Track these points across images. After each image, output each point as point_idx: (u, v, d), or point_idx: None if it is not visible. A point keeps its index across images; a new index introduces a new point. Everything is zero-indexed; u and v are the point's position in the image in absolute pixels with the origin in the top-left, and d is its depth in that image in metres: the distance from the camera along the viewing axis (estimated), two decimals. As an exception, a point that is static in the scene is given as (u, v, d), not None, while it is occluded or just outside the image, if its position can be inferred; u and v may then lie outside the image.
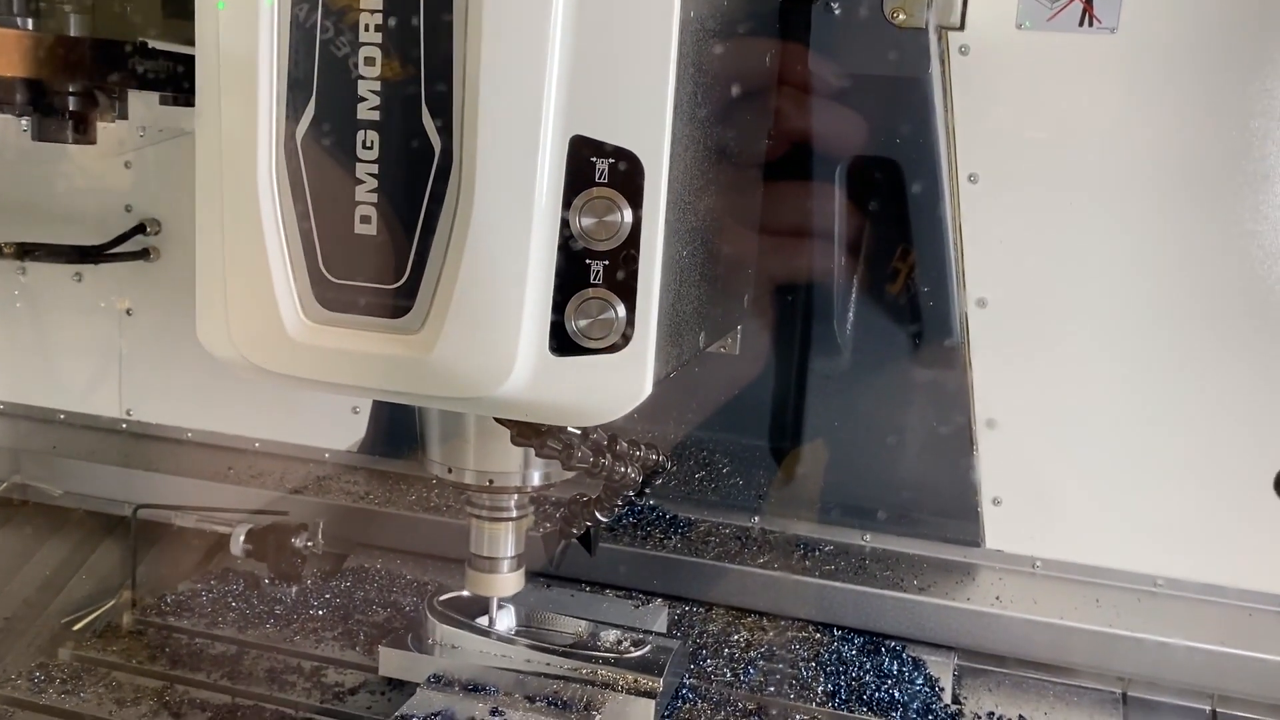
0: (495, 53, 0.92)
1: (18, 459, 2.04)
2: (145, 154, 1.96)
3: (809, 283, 1.69)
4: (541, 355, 0.97)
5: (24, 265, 2.01)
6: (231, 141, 0.98)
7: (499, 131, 0.93)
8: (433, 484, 1.92)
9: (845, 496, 1.76)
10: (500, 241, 0.94)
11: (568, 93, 0.93)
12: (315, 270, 1.00)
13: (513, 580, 1.34)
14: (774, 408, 1.82)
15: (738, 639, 1.62)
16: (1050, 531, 1.68)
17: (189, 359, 2.00)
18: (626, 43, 0.92)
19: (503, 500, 1.29)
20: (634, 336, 0.96)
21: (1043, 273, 1.61)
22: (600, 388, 0.98)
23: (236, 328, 1.02)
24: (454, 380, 0.98)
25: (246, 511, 1.75)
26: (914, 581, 1.66)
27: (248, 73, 0.96)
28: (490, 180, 0.94)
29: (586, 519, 1.30)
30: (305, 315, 1.01)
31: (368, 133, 0.97)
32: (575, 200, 0.94)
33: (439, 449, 1.26)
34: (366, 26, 0.95)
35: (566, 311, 0.97)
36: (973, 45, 1.56)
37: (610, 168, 0.94)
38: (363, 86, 0.96)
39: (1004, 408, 1.67)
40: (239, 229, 0.99)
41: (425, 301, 0.98)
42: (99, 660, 1.55)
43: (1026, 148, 1.58)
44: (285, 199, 0.99)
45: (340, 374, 1.00)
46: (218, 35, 0.97)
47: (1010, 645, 1.59)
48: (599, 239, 0.95)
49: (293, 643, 1.59)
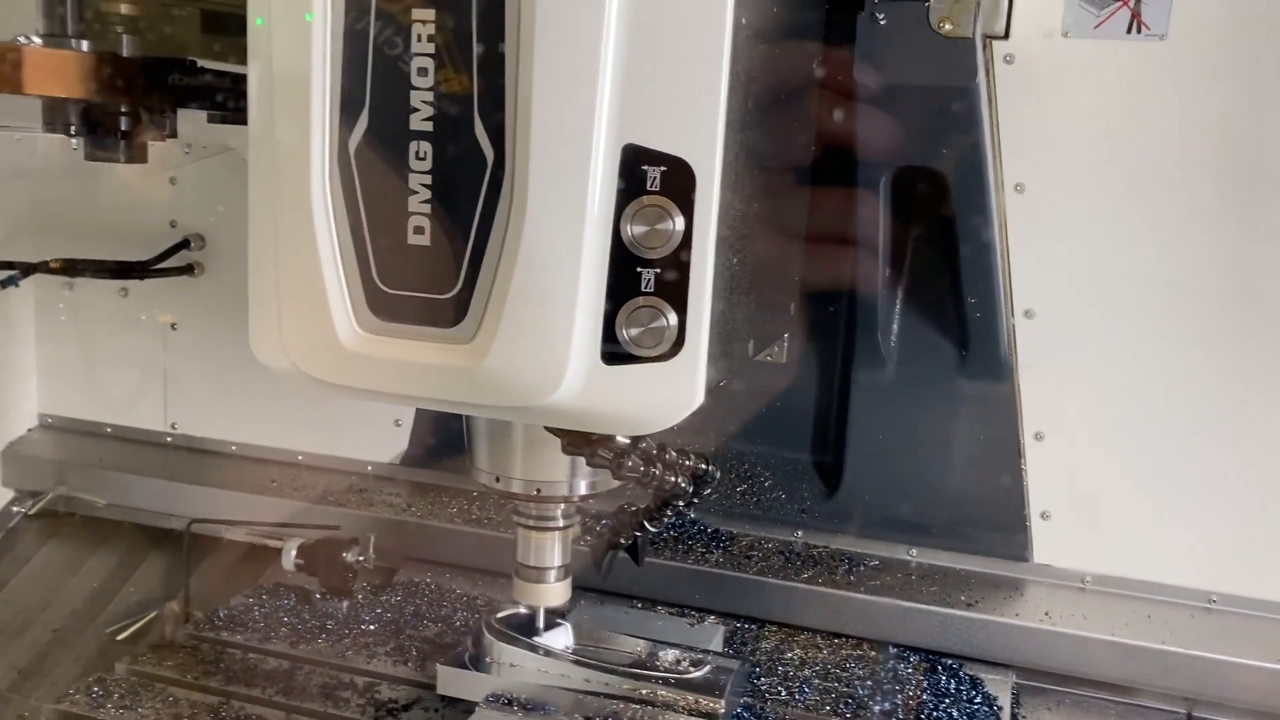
0: (548, 62, 0.92)
1: (64, 471, 2.06)
2: (189, 170, 1.98)
3: (853, 293, 1.67)
4: (593, 364, 0.97)
5: (71, 281, 2.04)
6: (285, 154, 0.99)
7: (552, 141, 0.93)
8: (474, 496, 1.92)
9: (890, 510, 1.74)
10: (552, 250, 0.94)
11: (620, 101, 0.93)
12: (369, 280, 1.01)
13: (559, 590, 1.34)
14: (817, 420, 1.81)
15: (791, 657, 1.60)
16: (1100, 546, 1.65)
17: (233, 373, 2.02)
18: (679, 51, 0.92)
19: (550, 509, 1.29)
20: (685, 345, 0.96)
21: (1090, 283, 1.59)
22: (651, 397, 0.98)
23: (290, 338, 1.03)
24: (506, 389, 0.98)
25: (298, 526, 1.76)
26: (961, 597, 1.63)
27: (301, 85, 0.97)
28: (543, 189, 0.94)
29: (635, 529, 1.29)
30: (359, 325, 1.01)
31: (421, 143, 0.97)
32: (627, 209, 0.94)
33: (486, 458, 1.26)
34: (419, 37, 0.95)
35: (618, 320, 0.96)
36: (1018, 54, 1.55)
37: (662, 176, 0.93)
38: (416, 97, 0.96)
39: (1052, 420, 1.64)
40: (293, 240, 1.00)
41: (478, 311, 0.98)
42: (155, 675, 1.55)
43: (1073, 157, 1.56)
44: (339, 210, 1.00)
45: (393, 383, 1.01)
46: (271, 50, 0.98)
47: (1062, 662, 1.57)
48: (650, 247, 0.95)
49: (345, 658, 1.59)
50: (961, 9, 1.44)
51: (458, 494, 1.93)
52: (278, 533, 1.81)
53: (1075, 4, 1.54)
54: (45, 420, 2.15)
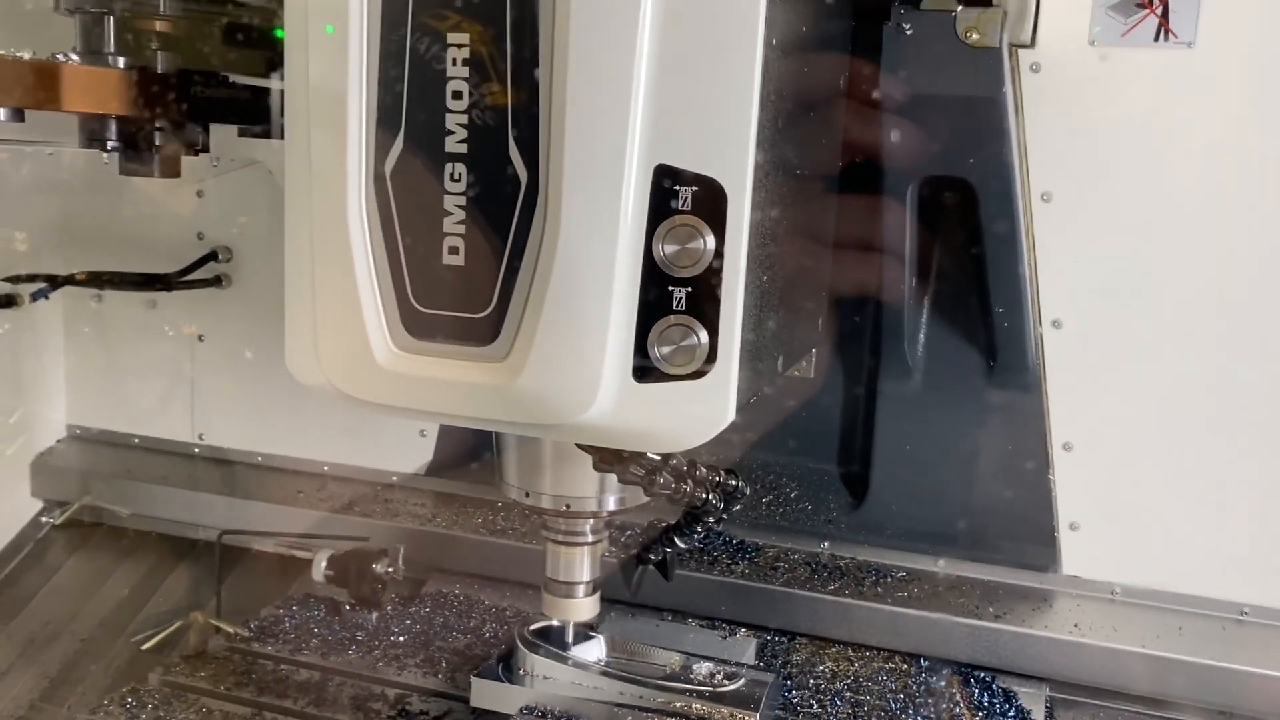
0: (581, 85, 0.93)
1: (92, 482, 2.08)
2: (216, 183, 1.99)
3: (879, 303, 1.67)
4: (625, 382, 0.98)
5: (100, 293, 2.05)
6: (321, 174, 1.00)
7: (584, 162, 0.94)
8: (499, 507, 1.93)
9: (917, 521, 1.73)
10: (585, 270, 0.95)
11: (652, 122, 0.94)
12: (404, 299, 1.02)
13: (589, 605, 1.34)
14: (843, 430, 1.80)
15: (823, 669, 1.59)
16: (1129, 557, 1.64)
17: (259, 384, 2.04)
18: (710, 72, 0.93)
19: (579, 525, 1.29)
20: (716, 363, 0.97)
21: (1119, 292, 1.58)
22: (683, 414, 0.99)
23: (326, 356, 1.04)
24: (539, 407, 0.99)
25: (328, 537, 1.77)
26: (989, 608, 1.63)
27: (338, 107, 0.98)
28: (576, 210, 0.95)
29: (665, 545, 1.29)
30: (394, 344, 1.02)
31: (456, 165, 0.98)
32: (659, 228, 0.95)
33: (516, 473, 1.27)
34: (454, 60, 0.96)
35: (649, 338, 0.97)
36: (1044, 63, 1.55)
37: (693, 195, 0.94)
38: (451, 120, 0.97)
39: (1081, 430, 1.63)
40: (329, 259, 1.01)
41: (511, 330, 0.99)
42: (188, 686, 1.56)
43: (1101, 165, 1.56)
44: (374, 230, 1.01)
45: (427, 401, 1.02)
46: (308, 70, 0.99)
47: (1092, 675, 1.56)
48: (681, 266, 0.96)
49: (376, 670, 1.60)
50: (988, 19, 1.43)
51: (482, 504, 1.94)
52: (306, 544, 1.82)
53: (1102, 12, 1.53)
54: (74, 431, 2.17)
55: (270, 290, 1.99)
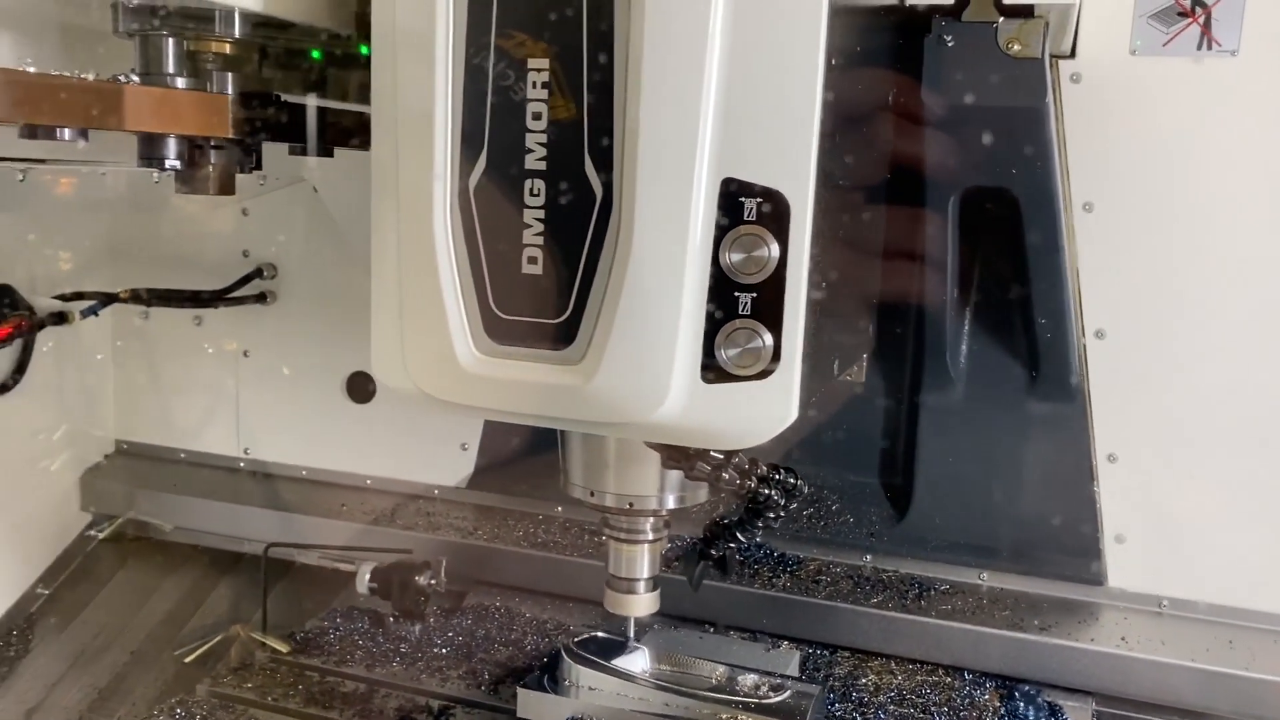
0: (653, 104, 0.99)
1: (139, 496, 2.11)
2: (261, 201, 2.03)
3: (921, 313, 1.67)
4: (694, 383, 1.04)
5: (147, 310, 2.09)
6: (409, 191, 1.07)
7: (657, 177, 1.00)
8: (539, 519, 1.93)
9: (960, 534, 1.72)
10: (657, 278, 1.01)
11: (720, 139, 1.00)
12: (486, 307, 1.08)
13: (648, 600, 1.36)
14: (885, 442, 1.80)
15: (866, 682, 1.59)
16: (1177, 569, 1.63)
17: (304, 399, 2.06)
18: (775, 89, 0.99)
19: (640, 523, 1.33)
20: (780, 363, 1.02)
21: (1162, 302, 1.58)
22: (748, 413, 1.05)
23: (412, 361, 1.10)
24: (613, 407, 1.05)
25: (372, 550, 1.79)
26: (1034, 621, 1.61)
27: (425, 129, 1.05)
28: (648, 222, 1.01)
29: (728, 540, 1.34)
30: (476, 348, 1.09)
31: (535, 181, 1.05)
32: (726, 237, 1.01)
33: (581, 474, 1.31)
34: (534, 84, 1.03)
35: (717, 341, 1.03)
36: (1085, 73, 1.55)
37: (758, 206, 1.00)
38: (530, 139, 1.04)
39: (1125, 441, 1.62)
40: (416, 271, 1.08)
41: (586, 334, 1.06)
42: (235, 696, 1.58)
43: (1143, 175, 1.55)
44: (459, 243, 1.08)
45: (507, 402, 1.08)
46: (395, 94, 1.06)
47: (1141, 689, 1.54)
48: (747, 273, 1.02)
49: (420, 681, 1.61)
50: (1030, 30, 1.43)
51: (523, 517, 1.95)
52: (349, 556, 1.84)
53: (1143, 22, 1.53)
54: (121, 446, 2.20)
55: (315, 305, 2.04)
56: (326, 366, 2.03)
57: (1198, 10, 1.51)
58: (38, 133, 0.99)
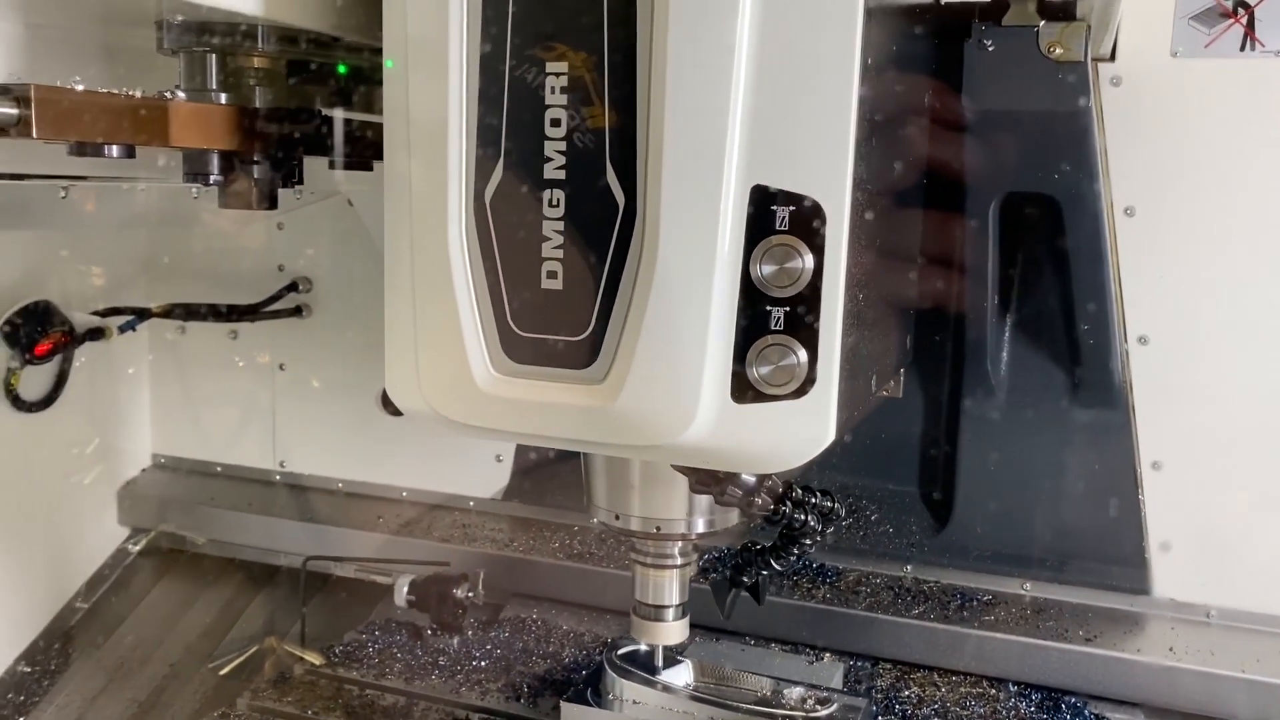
0: (678, 109, 0.93)
1: (176, 509, 2.12)
2: (296, 215, 2.04)
3: (962, 321, 1.65)
4: (723, 402, 0.97)
5: (184, 325, 2.10)
6: (422, 203, 1.01)
7: (682, 185, 0.94)
8: (575, 531, 1.93)
9: (1003, 543, 1.70)
10: (683, 292, 0.95)
11: (749, 144, 0.93)
12: (503, 324, 1.02)
13: (677, 629, 1.33)
14: (924, 451, 1.78)
15: (909, 695, 1.57)
16: (1224, 578, 1.60)
17: (339, 412, 2.07)
18: (808, 92, 0.93)
19: (667, 547, 1.29)
20: (817, 382, 0.95)
21: (1206, 306, 1.56)
22: (782, 434, 0.98)
23: (426, 381, 1.04)
24: (638, 428, 0.98)
25: (410, 562, 1.79)
26: (1080, 632, 1.59)
27: (438, 138, 1.00)
28: (673, 233, 0.95)
29: (762, 567, 1.29)
30: (494, 368, 1.03)
31: (554, 191, 0.99)
32: (756, 248, 0.95)
33: (605, 496, 1.26)
34: (553, 89, 0.97)
35: (748, 358, 0.96)
36: (1125, 76, 1.53)
37: (791, 215, 0.94)
38: (549, 147, 0.98)
39: (1170, 448, 1.60)
40: (430, 286, 1.02)
41: (609, 352, 0.99)
42: (276, 710, 1.59)
43: (1185, 179, 1.54)
44: (475, 257, 1.02)
45: (526, 424, 1.02)
46: (408, 104, 1.01)
47: (1190, 700, 1.52)
48: (780, 286, 0.95)
49: (459, 694, 1.61)
50: (1072, 33, 1.42)
51: (559, 529, 1.94)
52: (386, 569, 1.84)
53: (1185, 23, 1.51)
54: (158, 460, 2.22)
55: (349, 319, 2.05)
56: (361, 379, 2.03)
57: (1240, 11, 1.49)
58: (86, 150, 1.00)
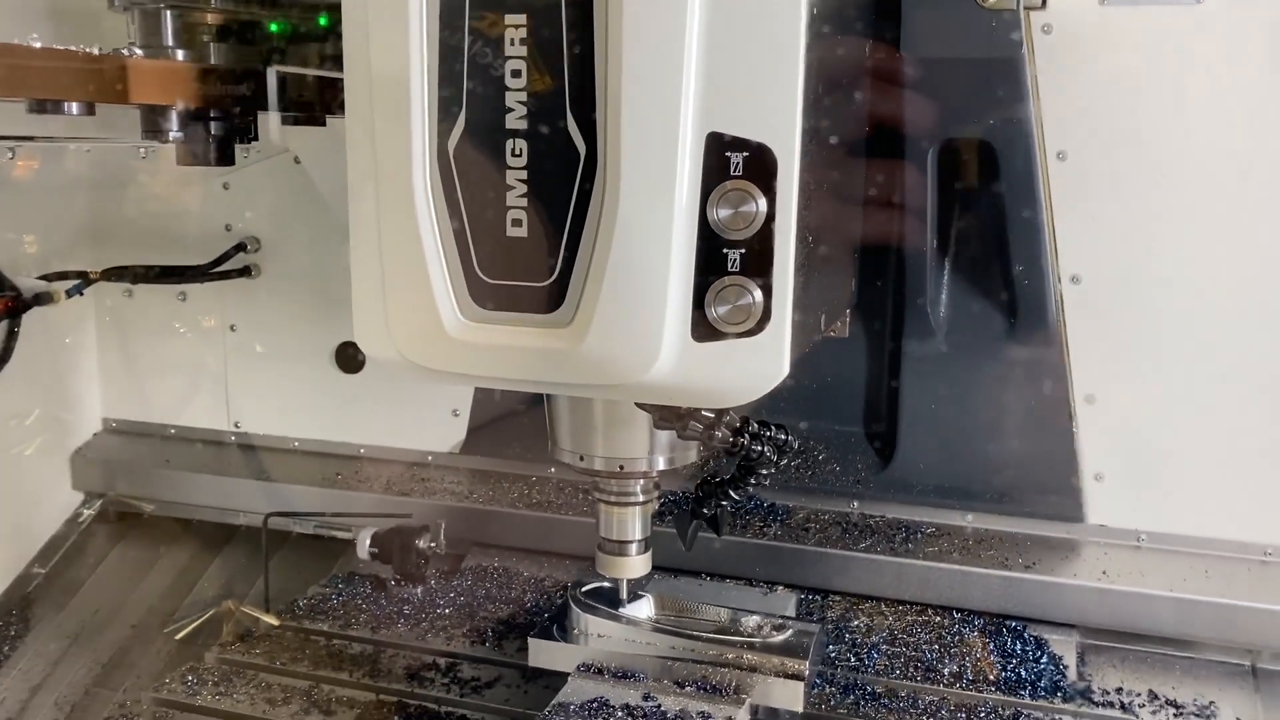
0: (635, 60, 0.97)
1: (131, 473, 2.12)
2: (242, 174, 2.02)
3: (901, 264, 1.70)
4: (684, 341, 1.03)
5: (131, 287, 2.08)
6: (386, 156, 1.04)
7: (641, 133, 0.99)
8: (533, 481, 1.96)
9: (945, 478, 1.77)
10: (644, 236, 1.00)
11: (703, 93, 0.98)
12: (470, 272, 1.06)
13: (640, 562, 1.39)
14: (868, 392, 1.84)
15: (858, 624, 1.64)
16: (1154, 504, 1.68)
17: (292, 370, 2.07)
18: (757, 42, 0.98)
19: (630, 485, 1.34)
20: (771, 320, 1.02)
21: (1135, 246, 1.62)
22: (740, 370, 1.04)
23: (396, 330, 1.08)
24: (603, 368, 1.04)
25: (372, 515, 1.81)
26: (1019, 559, 1.67)
27: (399, 91, 1.02)
28: (634, 179, 0.99)
29: (721, 499, 1.35)
30: (462, 314, 1.07)
31: (516, 140, 1.03)
32: (712, 193, 1.00)
33: (569, 439, 1.31)
34: (512, 41, 1.01)
35: (706, 299, 1.02)
36: (1055, 24, 1.57)
37: (744, 160, 0.99)
38: (510, 98, 1.02)
39: (1102, 382, 1.67)
40: (396, 238, 1.06)
41: (575, 296, 1.04)
42: (244, 663, 1.61)
43: (1113, 123, 1.59)
44: (440, 207, 1.05)
45: (496, 368, 1.07)
46: (369, 58, 1.03)
47: (1123, 620, 1.60)
48: (735, 229, 1.01)
49: (425, 641, 1.65)
50: (1004, -18, 1.46)
51: (517, 480, 1.97)
52: (347, 524, 1.86)
53: (1112, -29, 1.56)
54: (110, 425, 2.20)
55: (300, 277, 2.05)
56: (314, 338, 2.04)
57: (1165, -41, 1.54)
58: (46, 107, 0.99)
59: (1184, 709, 1.49)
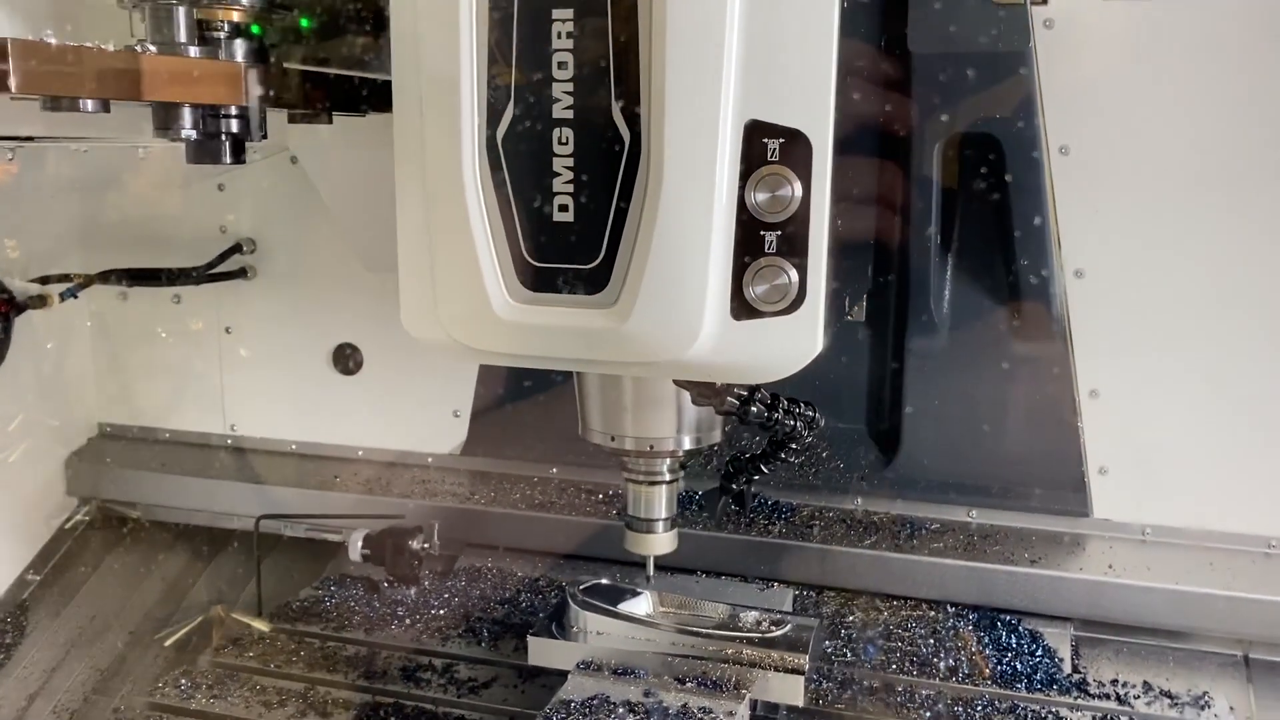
0: (678, 52, 1.02)
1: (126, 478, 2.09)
2: (236, 176, 2.00)
3: (906, 261, 1.70)
4: (723, 320, 1.07)
5: (126, 291, 2.06)
6: (435, 147, 1.09)
7: (683, 121, 1.03)
8: (535, 482, 1.95)
9: (948, 474, 1.76)
10: (686, 220, 1.04)
11: (742, 82, 1.03)
12: (518, 256, 1.11)
13: (667, 539, 1.40)
14: (871, 388, 1.84)
15: (853, 620, 1.64)
16: (1158, 498, 1.68)
17: (289, 373, 2.05)
18: (794, 33, 1.02)
19: (658, 464, 1.36)
20: (806, 299, 1.06)
21: (1139, 240, 1.62)
22: (775, 347, 1.08)
23: (445, 313, 1.12)
24: (647, 347, 1.08)
25: (365, 517, 1.79)
26: (1024, 554, 1.66)
27: (449, 86, 1.07)
28: (676, 166, 1.03)
29: (752, 473, 1.38)
30: (511, 297, 1.11)
31: (563, 129, 1.07)
32: (750, 178, 1.04)
33: (600, 420, 1.33)
34: (559, 34, 1.05)
35: (744, 279, 1.06)
36: (1057, 19, 1.58)
37: (781, 147, 1.03)
38: (557, 89, 1.06)
39: (1106, 377, 1.67)
40: (448, 225, 1.10)
41: (619, 277, 1.08)
42: (239, 666, 1.59)
43: (1115, 118, 1.59)
44: (489, 195, 1.09)
45: (544, 347, 1.11)
46: (419, 55, 1.07)
47: (1127, 613, 1.60)
48: (772, 212, 1.05)
49: (420, 642, 1.63)
50: (1015, -24, 1.46)
51: (519, 480, 1.95)
52: (339, 528, 1.85)
53: (1112, -34, 1.56)
54: (105, 429, 2.18)
55: (296, 279, 2.03)
56: (311, 340, 2.03)
57: (1166, -47, 1.54)
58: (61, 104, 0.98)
59: (1178, 699, 1.49)
